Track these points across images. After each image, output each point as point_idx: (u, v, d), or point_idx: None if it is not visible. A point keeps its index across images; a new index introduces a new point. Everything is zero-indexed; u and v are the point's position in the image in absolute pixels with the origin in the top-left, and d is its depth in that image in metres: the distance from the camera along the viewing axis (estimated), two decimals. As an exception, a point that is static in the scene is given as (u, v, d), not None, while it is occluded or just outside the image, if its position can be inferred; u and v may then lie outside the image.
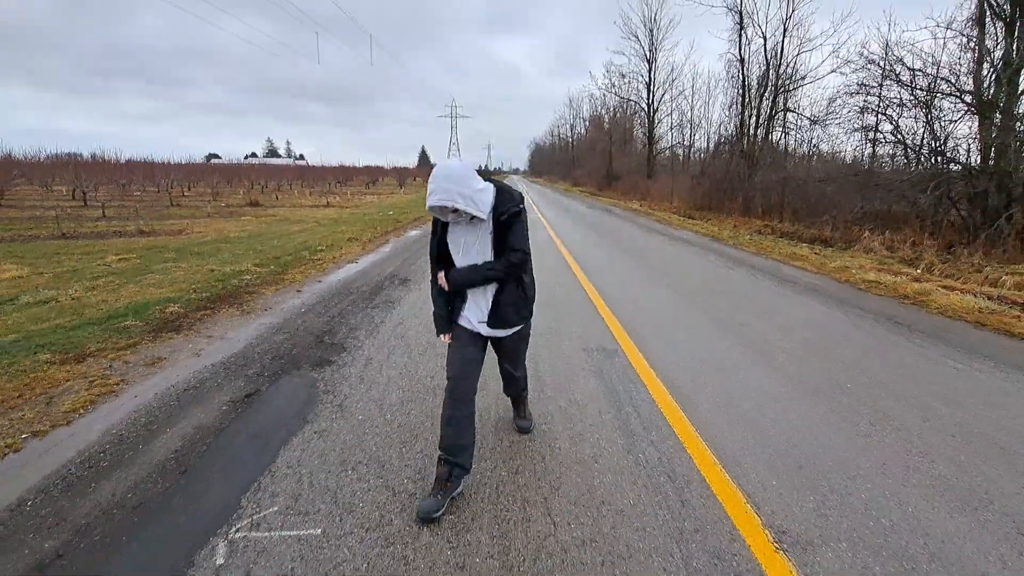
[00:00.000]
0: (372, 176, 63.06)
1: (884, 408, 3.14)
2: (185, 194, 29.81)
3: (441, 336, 2.36)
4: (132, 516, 2.09)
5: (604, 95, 42.15)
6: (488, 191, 2.10)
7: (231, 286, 6.13)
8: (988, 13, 10.61)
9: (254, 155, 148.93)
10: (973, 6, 11.03)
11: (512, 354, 2.51)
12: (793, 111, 18.72)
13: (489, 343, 2.40)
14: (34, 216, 17.11)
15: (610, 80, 38.84)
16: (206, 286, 6.12)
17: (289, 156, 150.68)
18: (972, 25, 11.15)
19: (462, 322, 2.31)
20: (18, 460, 2.51)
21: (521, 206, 2.16)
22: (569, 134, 68.79)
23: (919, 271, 8.14)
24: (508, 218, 2.12)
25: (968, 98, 10.43)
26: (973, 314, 5.31)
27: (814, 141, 16.67)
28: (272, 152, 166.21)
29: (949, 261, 8.75)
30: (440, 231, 2.23)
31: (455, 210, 2.04)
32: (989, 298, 6.07)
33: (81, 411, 3.00)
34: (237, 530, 1.98)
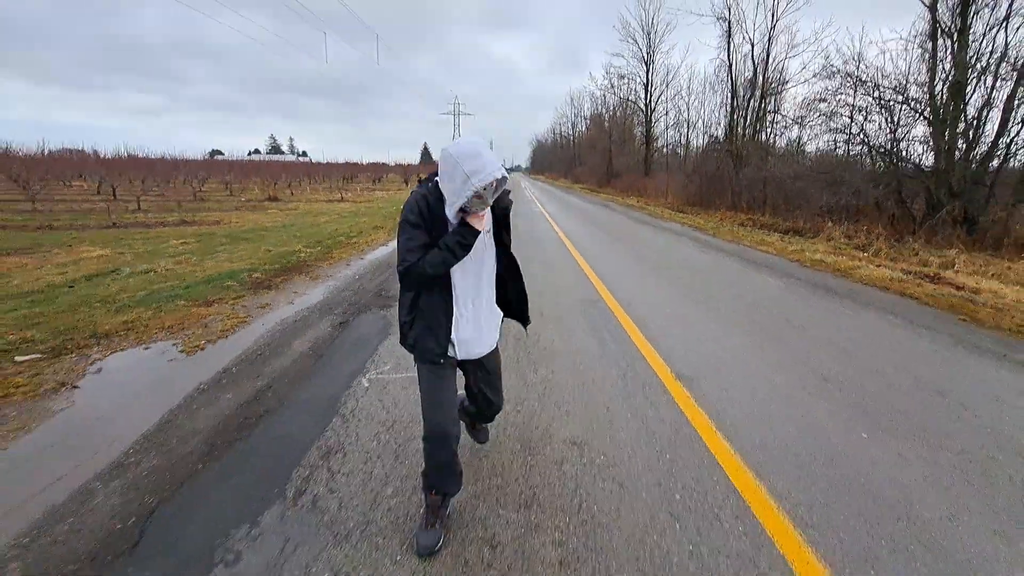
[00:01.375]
0: (377, 173, 64.36)
1: (779, 332, 4.57)
2: (202, 189, 31.23)
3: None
4: (301, 372, 3.52)
5: (604, 95, 43.53)
6: None
7: (293, 261, 7.57)
8: (939, 30, 11.99)
9: (257, 151, 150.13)
10: (927, 22, 12.43)
11: (496, 373, 2.16)
12: (778, 112, 20.09)
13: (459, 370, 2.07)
14: (70, 209, 18.54)
15: (609, 81, 40.25)
16: (271, 261, 7.55)
17: (292, 152, 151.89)
18: (926, 39, 12.55)
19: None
20: (209, 353, 3.94)
21: (510, 200, 1.94)
22: (571, 132, 70.19)
23: (867, 254, 9.56)
24: (503, 213, 1.93)
25: (918, 105, 11.82)
26: (884, 282, 6.73)
27: (799, 140, 18.02)
28: (275, 148, 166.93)
29: (895, 247, 10.17)
30: (439, 228, 1.77)
31: (478, 195, 1.66)
32: (905, 272, 7.50)
33: (230, 331, 4.43)
34: (370, 374, 3.43)
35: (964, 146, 11.38)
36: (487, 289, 1.98)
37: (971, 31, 11.36)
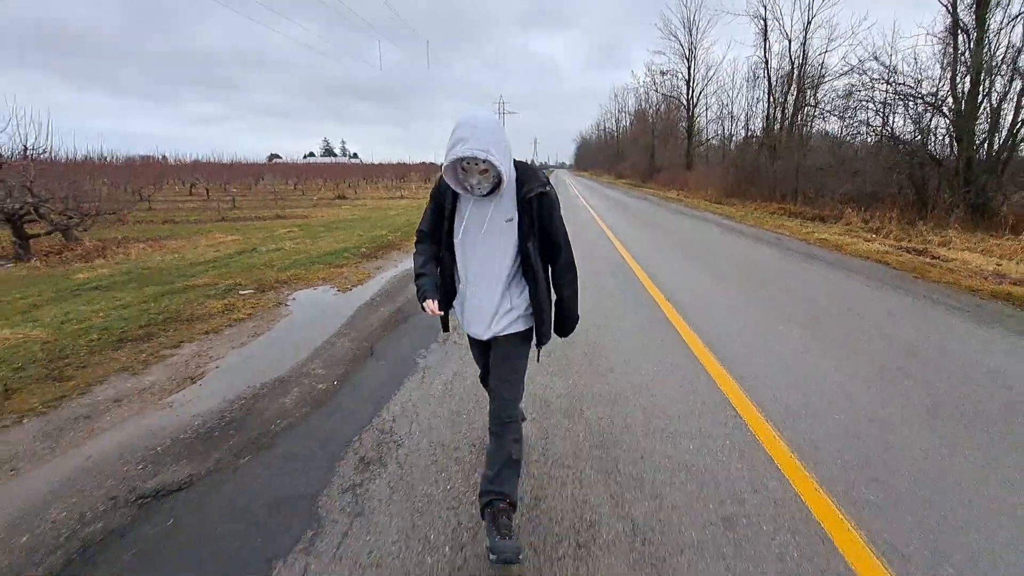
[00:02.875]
0: (426, 172, 67.48)
1: (760, 285, 6.11)
2: (274, 190, 34.62)
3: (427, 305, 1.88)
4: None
5: (648, 92, 44.35)
6: (511, 159, 1.77)
7: (383, 242, 9.62)
8: (958, 27, 12.76)
9: (312, 154, 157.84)
10: (947, 19, 13.19)
11: (502, 364, 1.98)
12: (813, 106, 20.79)
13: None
14: (177, 207, 21.74)
15: (652, 78, 41.06)
16: (367, 242, 9.62)
17: (344, 154, 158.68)
18: (948, 35, 13.31)
19: (467, 329, 2.02)
20: (356, 291, 5.91)
21: (548, 187, 1.81)
22: (615, 128, 70.94)
23: (879, 236, 10.69)
24: (536, 198, 1.78)
25: (937, 100, 12.67)
26: (868, 254, 8.04)
27: (827, 133, 18.75)
28: (329, 151, 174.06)
29: (906, 229, 11.21)
30: (449, 202, 1.86)
31: (483, 170, 1.67)
32: (896, 247, 8.72)
33: (363, 281, 6.41)
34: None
35: (980, 138, 12.19)
36: (494, 279, 1.87)
37: (988, 28, 12.12)
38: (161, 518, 2.02)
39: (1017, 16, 11.25)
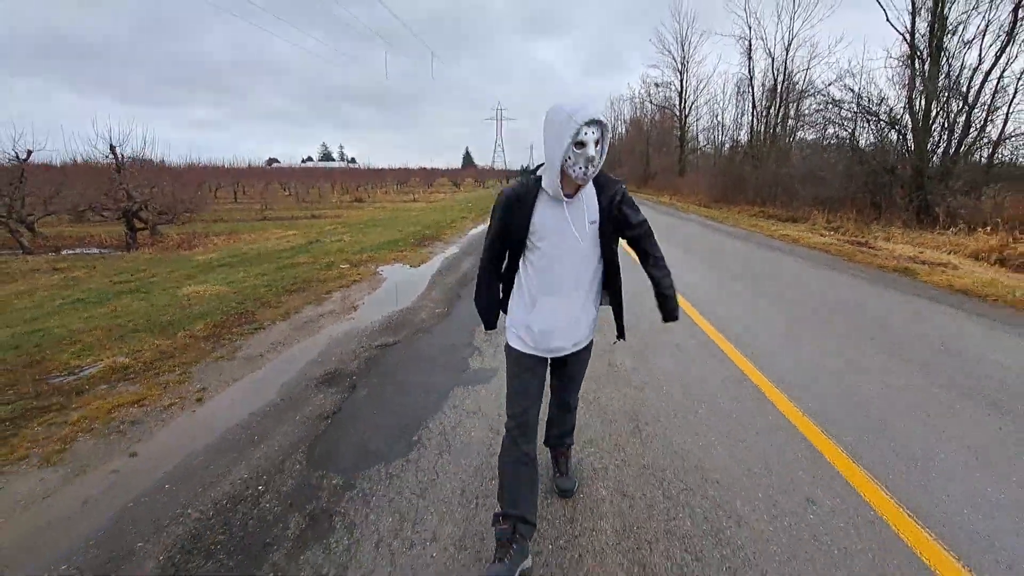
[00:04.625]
0: (428, 178, 69.52)
1: (725, 263, 8.14)
2: (289, 194, 36.60)
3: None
4: (471, 272, 7.46)
5: (643, 102, 46.64)
6: None
7: (423, 235, 11.62)
8: (915, 54, 14.90)
9: (310, 159, 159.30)
10: (906, 46, 15.34)
11: (577, 376, 2.07)
12: (794, 119, 22.99)
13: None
14: (213, 208, 23.65)
15: (647, 90, 43.36)
16: (410, 236, 11.61)
17: (343, 159, 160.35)
18: (907, 60, 15.46)
19: (517, 344, 1.88)
20: (424, 266, 7.89)
21: (624, 187, 1.84)
22: (611, 135, 73.18)
23: (836, 233, 12.76)
24: (622, 197, 1.80)
25: (895, 117, 14.81)
26: (816, 245, 10.11)
27: (801, 142, 20.90)
28: (327, 156, 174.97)
29: (861, 228, 13.29)
30: (525, 221, 1.73)
31: (596, 139, 1.60)
32: (842, 241, 10.80)
33: (425, 260, 8.40)
34: (510, 270, 7.34)
35: (931, 151, 14.31)
36: (581, 287, 1.82)
37: (942, 55, 14.24)
38: (390, 354, 4.01)
39: (968, 43, 13.39)
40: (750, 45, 23.56)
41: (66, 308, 5.75)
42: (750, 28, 23.63)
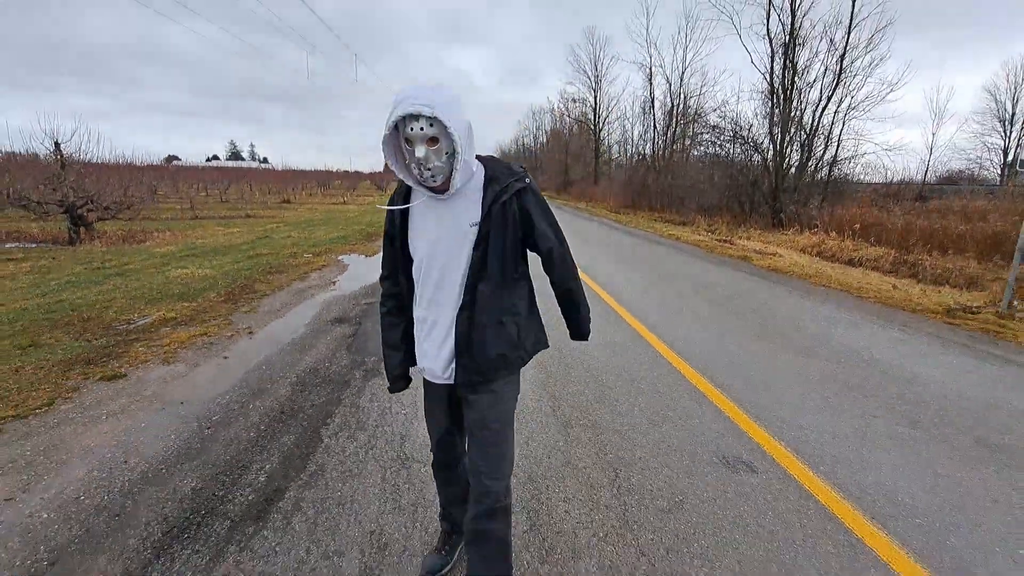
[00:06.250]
0: (351, 181, 68.85)
1: (619, 254, 10.35)
2: (208, 194, 35.43)
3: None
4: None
5: (562, 115, 49.96)
6: (470, 139, 1.36)
7: (368, 232, 12.91)
8: (773, 90, 18.42)
9: (216, 157, 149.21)
10: (766, 84, 18.88)
11: (486, 425, 1.51)
12: (686, 138, 26.59)
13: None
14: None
15: (565, 104, 46.65)
16: (355, 233, 12.85)
17: (254, 159, 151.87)
18: (767, 94, 19.01)
19: (424, 372, 1.59)
20: (377, 256, 9.34)
21: (528, 179, 1.49)
22: (533, 144, 76.81)
23: (712, 234, 15.66)
24: (513, 198, 1.42)
25: (757, 140, 18.23)
26: (692, 241, 12.74)
27: (692, 157, 24.43)
28: (236, 155, 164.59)
29: (732, 229, 16.35)
30: (400, 223, 1.48)
31: (431, 137, 1.27)
32: (713, 239, 13.57)
33: (377, 253, 9.82)
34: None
35: (785, 170, 17.83)
36: (452, 300, 1.44)
37: (792, 93, 17.79)
38: (373, 310, 5.56)
39: (811, 84, 16.94)
40: (651, 71, 26.98)
41: (65, 287, 6.64)
42: (650, 56, 27.05)
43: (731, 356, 4.21)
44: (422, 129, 1.26)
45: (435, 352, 1.50)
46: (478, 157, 1.46)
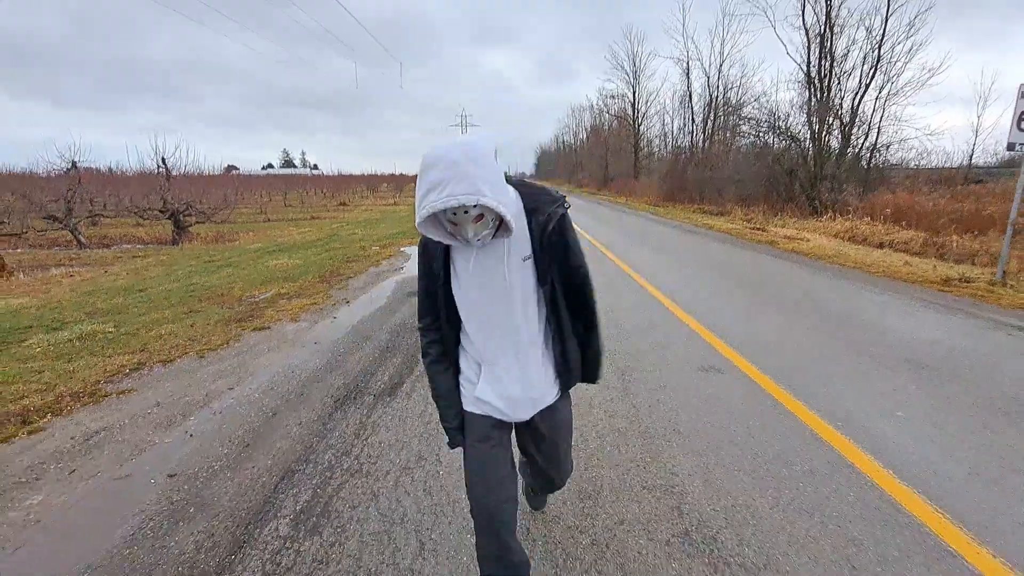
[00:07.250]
0: (397, 183, 71.60)
1: (657, 243, 11.22)
2: (271, 199, 38.32)
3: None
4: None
5: (601, 112, 50.41)
6: (508, 189, 1.30)
7: (422, 228, 14.29)
8: (810, 80, 18.57)
9: (271, 165, 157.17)
10: (802, 74, 19.04)
11: (551, 443, 1.61)
12: (725, 130, 26.74)
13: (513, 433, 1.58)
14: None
15: (603, 101, 47.11)
16: (411, 230, 14.24)
17: (305, 166, 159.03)
18: (804, 86, 19.16)
19: (473, 407, 1.47)
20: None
21: (566, 203, 1.42)
22: (573, 141, 77.33)
23: (748, 223, 16.15)
24: (557, 225, 1.36)
25: (795, 130, 18.46)
26: (728, 230, 13.37)
27: (734, 147, 24.61)
28: (288, 163, 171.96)
29: (768, 218, 16.75)
30: (441, 272, 1.36)
31: (478, 216, 1.17)
32: (747, 227, 14.13)
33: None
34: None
35: (823, 159, 17.99)
36: (532, 340, 1.42)
37: (829, 83, 17.92)
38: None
39: (849, 72, 17.10)
40: (688, 66, 27.27)
41: (191, 275, 8.24)
42: (687, 51, 27.34)
43: (717, 303, 5.16)
44: (466, 212, 1.14)
45: (517, 391, 1.42)
46: (508, 181, 1.33)
